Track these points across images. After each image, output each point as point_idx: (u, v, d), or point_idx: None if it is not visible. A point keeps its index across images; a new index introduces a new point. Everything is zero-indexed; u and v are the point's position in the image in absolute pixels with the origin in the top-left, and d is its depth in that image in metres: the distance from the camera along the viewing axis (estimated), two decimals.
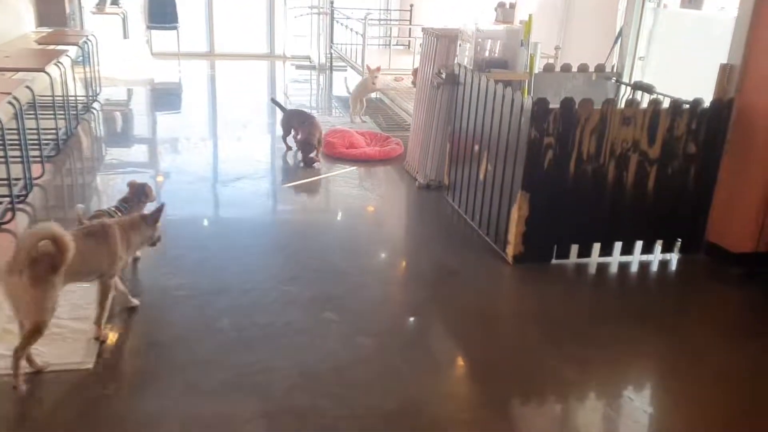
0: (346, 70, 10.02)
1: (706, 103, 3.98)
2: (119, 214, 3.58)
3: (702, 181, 4.11)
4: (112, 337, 3.04)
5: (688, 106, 3.95)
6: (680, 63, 5.23)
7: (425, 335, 3.36)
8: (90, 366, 2.81)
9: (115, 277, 3.05)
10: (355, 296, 3.60)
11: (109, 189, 5.02)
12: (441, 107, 5.04)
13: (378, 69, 6.83)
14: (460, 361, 3.13)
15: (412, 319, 3.47)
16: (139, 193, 3.77)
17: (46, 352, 2.86)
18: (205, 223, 4.56)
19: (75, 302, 3.27)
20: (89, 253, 2.87)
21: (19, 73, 5.65)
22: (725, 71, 4.05)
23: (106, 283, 3.01)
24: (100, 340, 2.98)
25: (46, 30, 8.49)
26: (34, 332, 2.64)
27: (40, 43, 6.99)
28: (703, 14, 5.16)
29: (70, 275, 2.71)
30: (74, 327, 3.06)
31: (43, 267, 2.57)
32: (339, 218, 4.86)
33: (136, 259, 3.74)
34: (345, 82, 8.07)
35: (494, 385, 2.91)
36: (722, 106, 4.00)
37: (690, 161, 4.05)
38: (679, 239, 4.24)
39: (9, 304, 2.64)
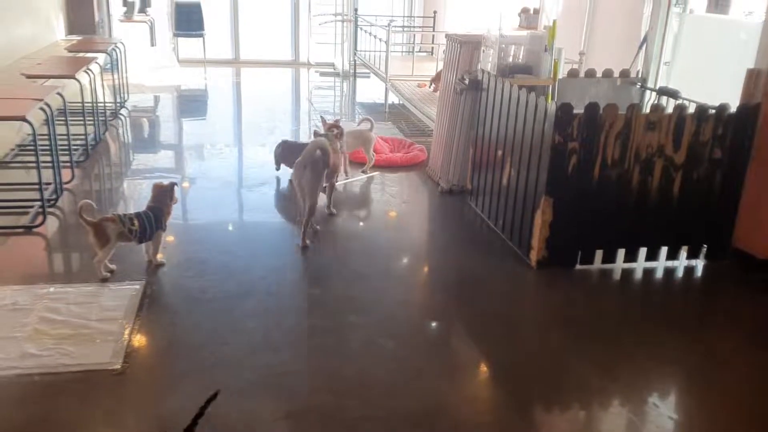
0: (369, 77, 10.07)
1: (733, 109, 3.95)
2: (136, 221, 3.63)
3: (728, 186, 4.07)
4: (139, 338, 3.09)
5: (713, 111, 3.92)
6: (706, 68, 5.20)
7: (448, 338, 3.37)
8: (118, 366, 2.86)
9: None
10: (378, 299, 3.62)
11: (136, 194, 5.10)
12: (464, 113, 5.06)
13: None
14: (483, 364, 3.13)
15: (434, 322, 3.48)
16: (164, 195, 3.82)
17: (74, 352, 2.92)
18: (230, 227, 4.61)
19: (103, 304, 3.34)
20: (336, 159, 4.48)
21: (50, 79, 5.77)
22: (752, 76, 4.01)
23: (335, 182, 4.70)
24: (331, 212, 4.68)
25: (75, 38, 8.67)
26: (310, 210, 4.10)
27: (70, 51, 7.12)
28: (729, 19, 5.12)
29: (329, 174, 4.36)
30: (103, 328, 3.12)
31: (319, 164, 4.08)
32: (362, 223, 4.88)
33: (160, 264, 3.80)
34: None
35: (517, 389, 2.91)
36: (749, 112, 3.97)
37: (716, 167, 4.01)
38: (705, 245, 4.20)
39: (297, 189, 4.12)
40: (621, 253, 4.08)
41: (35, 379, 2.76)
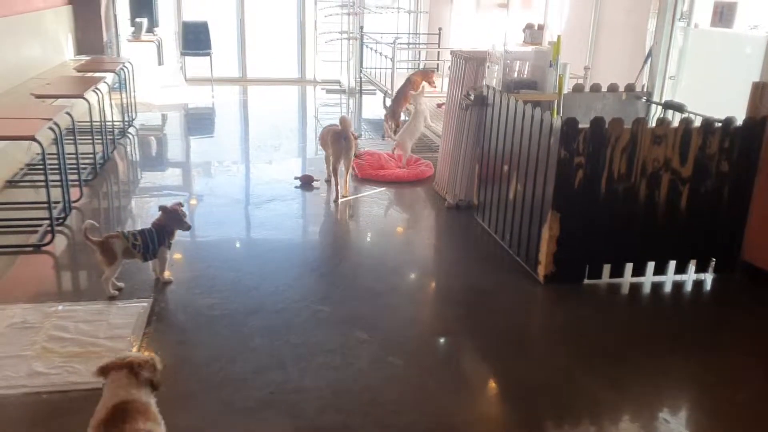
0: (375, 94, 10.11)
1: (739, 122, 3.94)
2: (139, 237, 3.64)
3: (736, 199, 4.06)
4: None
5: (720, 124, 3.92)
6: (712, 82, 5.20)
7: (456, 355, 3.36)
8: None
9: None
10: (386, 316, 3.61)
11: (143, 212, 5.12)
12: (470, 128, 5.07)
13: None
14: (492, 381, 3.12)
15: (442, 338, 3.47)
16: (172, 218, 3.80)
17: (82, 370, 2.92)
18: (238, 244, 4.62)
19: (111, 322, 3.35)
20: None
21: (59, 99, 5.83)
22: (758, 89, 4.01)
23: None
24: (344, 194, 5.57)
25: (84, 58, 8.76)
26: (348, 168, 5.52)
27: (78, 71, 7.19)
28: (734, 33, 5.13)
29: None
30: (111, 346, 3.13)
31: (351, 136, 5.39)
32: (369, 239, 4.88)
33: (168, 282, 3.81)
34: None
35: (526, 405, 2.89)
36: (755, 125, 3.96)
37: (723, 180, 4.00)
38: (714, 259, 4.19)
39: (334, 157, 5.45)
40: (629, 267, 4.07)
41: (43, 397, 2.77)
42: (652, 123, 4.05)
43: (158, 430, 2.05)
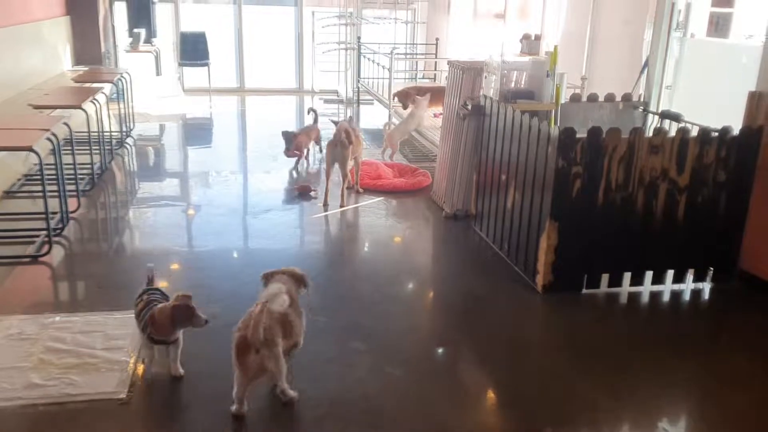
0: (373, 104, 10.13)
1: (735, 131, 3.96)
2: (141, 303, 3.12)
3: (733, 208, 4.07)
4: (144, 368, 3.08)
5: (716, 134, 3.93)
6: (708, 91, 5.22)
7: (454, 364, 3.35)
8: (123, 396, 2.84)
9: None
10: (384, 325, 3.61)
11: (141, 222, 5.12)
12: (467, 138, 5.08)
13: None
14: (490, 390, 3.11)
15: (441, 348, 3.47)
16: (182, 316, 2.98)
17: (80, 381, 2.91)
18: (236, 254, 4.62)
19: (108, 333, 3.34)
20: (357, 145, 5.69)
21: (57, 110, 5.83)
22: (754, 98, 4.03)
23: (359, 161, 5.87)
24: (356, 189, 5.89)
25: (82, 68, 8.77)
26: (345, 175, 5.54)
27: (76, 81, 7.20)
28: (730, 42, 5.16)
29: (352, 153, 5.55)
30: (108, 357, 3.12)
31: (345, 143, 5.34)
32: (367, 248, 4.88)
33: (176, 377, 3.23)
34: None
35: (525, 414, 2.88)
36: (752, 134, 3.98)
37: (720, 189, 4.01)
38: (712, 268, 4.19)
39: (332, 162, 5.45)
40: (627, 276, 4.07)
41: (40, 409, 2.75)
42: (649, 133, 4.06)
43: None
